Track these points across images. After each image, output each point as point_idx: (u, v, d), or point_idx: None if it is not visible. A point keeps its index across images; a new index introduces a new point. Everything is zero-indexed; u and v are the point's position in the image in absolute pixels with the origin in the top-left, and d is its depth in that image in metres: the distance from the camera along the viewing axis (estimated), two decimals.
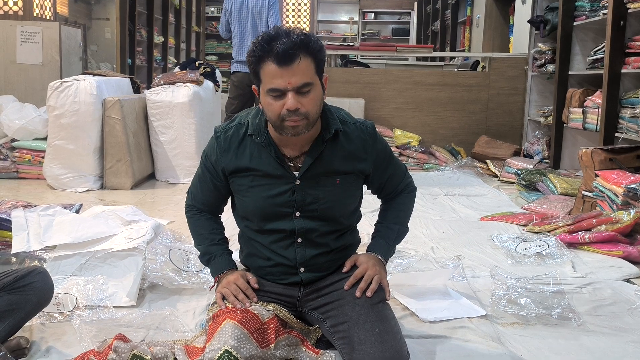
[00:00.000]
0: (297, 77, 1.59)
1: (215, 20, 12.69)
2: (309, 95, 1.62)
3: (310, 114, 1.63)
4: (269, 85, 1.61)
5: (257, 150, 1.75)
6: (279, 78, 1.59)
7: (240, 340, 1.60)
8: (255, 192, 1.76)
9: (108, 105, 4.36)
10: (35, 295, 1.79)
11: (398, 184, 1.94)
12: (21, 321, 1.80)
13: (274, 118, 1.64)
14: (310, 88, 1.62)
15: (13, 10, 6.09)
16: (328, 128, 1.74)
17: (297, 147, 1.74)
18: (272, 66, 1.59)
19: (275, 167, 1.74)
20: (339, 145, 1.76)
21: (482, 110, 6.27)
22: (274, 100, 1.62)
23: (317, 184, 1.75)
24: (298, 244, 1.79)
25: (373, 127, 1.84)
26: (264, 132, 1.74)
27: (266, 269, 1.84)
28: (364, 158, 1.80)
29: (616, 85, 4.05)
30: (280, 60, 1.57)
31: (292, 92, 1.59)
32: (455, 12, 9.68)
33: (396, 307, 2.17)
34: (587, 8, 4.70)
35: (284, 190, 1.74)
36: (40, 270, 1.85)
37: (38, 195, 4.10)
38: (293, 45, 1.57)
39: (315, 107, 1.65)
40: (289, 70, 1.58)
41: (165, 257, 2.52)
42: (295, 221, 1.77)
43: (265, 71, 1.61)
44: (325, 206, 1.76)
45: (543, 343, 2.00)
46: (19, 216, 2.45)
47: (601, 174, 3.42)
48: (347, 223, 1.86)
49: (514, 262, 2.84)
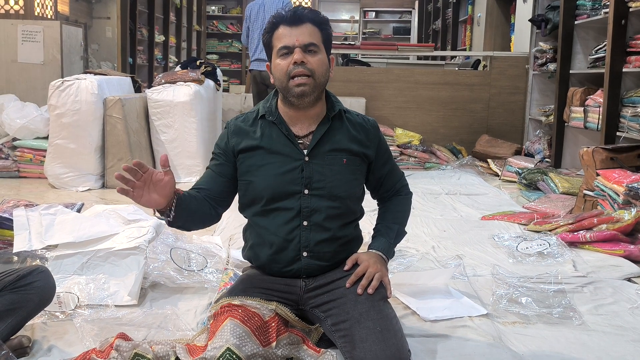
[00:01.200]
0: (304, 36, 1.75)
1: (215, 19, 12.68)
2: (315, 55, 1.76)
3: (315, 73, 1.75)
4: (278, 45, 1.77)
5: (268, 129, 1.84)
6: (287, 37, 1.75)
7: (241, 338, 1.60)
8: (265, 170, 1.81)
9: (109, 104, 4.37)
10: (37, 294, 1.80)
11: (395, 183, 2.01)
12: (23, 320, 1.80)
13: (282, 77, 1.76)
14: (316, 49, 1.77)
15: (14, 9, 6.09)
16: (333, 108, 1.86)
17: (305, 125, 1.84)
18: (282, 29, 1.77)
19: (285, 144, 1.82)
20: (344, 126, 1.87)
21: (483, 109, 6.27)
22: (282, 60, 1.76)
23: (325, 162, 1.82)
24: (303, 227, 1.81)
25: (375, 121, 1.97)
26: (275, 112, 1.84)
27: (271, 257, 1.85)
28: (368, 145, 1.89)
29: (617, 84, 4.05)
30: (289, 21, 1.76)
31: (299, 48, 1.74)
32: (456, 11, 9.67)
33: (397, 306, 2.17)
34: (588, 7, 4.70)
35: (293, 167, 1.80)
36: (42, 270, 1.85)
37: (39, 195, 4.11)
38: (303, 11, 1.78)
39: (320, 68, 1.77)
40: (296, 30, 1.75)
41: (166, 256, 2.52)
42: (303, 199, 1.80)
43: (276, 36, 1.78)
44: (333, 184, 1.81)
45: (544, 342, 2.00)
46: (20, 215, 2.45)
47: (602, 173, 3.42)
48: (352, 208, 1.88)
49: (515, 261, 2.84)
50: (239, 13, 12.61)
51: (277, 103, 1.86)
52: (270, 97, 1.89)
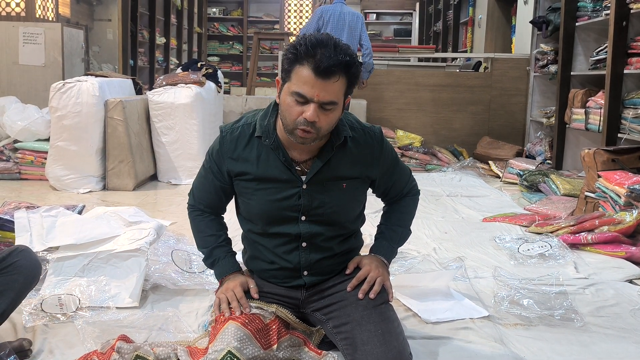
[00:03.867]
0: (327, 94, 1.58)
1: (216, 21, 12.69)
2: (330, 113, 1.62)
3: (322, 131, 1.63)
4: (297, 88, 1.59)
5: (265, 152, 1.73)
6: (310, 87, 1.57)
7: (243, 341, 1.60)
8: (260, 195, 1.75)
9: (110, 106, 4.37)
10: (20, 274, 1.76)
11: (402, 188, 1.95)
12: (13, 302, 1.76)
13: (289, 121, 1.63)
14: (333, 107, 1.61)
15: (15, 11, 6.10)
16: (338, 135, 1.73)
17: (305, 151, 1.73)
18: (308, 72, 1.56)
19: (282, 171, 1.73)
20: (347, 151, 1.76)
21: (485, 111, 6.27)
22: (295, 104, 1.60)
23: (324, 189, 1.74)
24: (302, 248, 1.78)
25: (381, 132, 1.84)
26: (272, 134, 1.72)
27: (269, 272, 1.84)
28: (371, 164, 1.80)
29: (618, 86, 4.04)
30: (318, 72, 1.55)
31: (316, 104, 1.58)
32: (457, 13, 9.67)
33: (399, 308, 2.17)
34: (590, 8, 4.70)
35: (290, 195, 1.73)
36: (22, 249, 1.81)
37: (40, 197, 4.11)
38: (338, 63, 1.56)
39: (329, 126, 1.65)
40: (322, 84, 1.56)
41: (167, 258, 2.52)
42: (301, 225, 1.76)
43: (299, 73, 1.58)
44: (331, 210, 1.76)
45: (546, 344, 2.00)
46: (21, 217, 2.45)
47: (604, 175, 3.42)
48: (352, 227, 1.86)
49: (516, 263, 2.84)
50: (240, 15, 12.62)
51: (275, 122, 1.73)
52: (269, 112, 1.75)
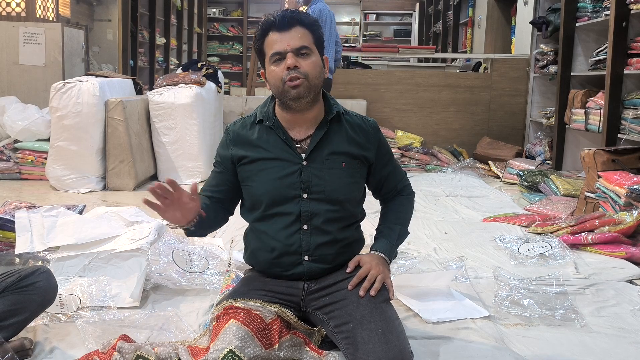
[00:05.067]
0: (295, 40, 1.74)
1: (216, 21, 12.71)
2: (307, 58, 1.75)
3: (309, 75, 1.74)
4: (270, 52, 1.75)
5: (266, 134, 1.84)
6: (279, 43, 1.74)
7: (244, 340, 1.60)
8: (263, 175, 1.82)
9: (110, 106, 4.37)
10: (39, 294, 1.80)
11: (397, 183, 2.00)
12: (25, 321, 1.80)
13: (277, 83, 1.75)
14: (308, 52, 1.75)
15: (16, 11, 6.10)
16: (331, 111, 1.85)
17: (302, 129, 1.83)
18: (272, 35, 1.76)
19: (283, 149, 1.82)
20: (343, 129, 1.86)
21: (484, 112, 6.28)
22: (276, 66, 1.75)
23: (324, 166, 1.82)
24: (304, 231, 1.82)
25: (375, 121, 1.95)
26: (272, 116, 1.84)
27: (271, 261, 1.85)
28: (368, 147, 1.88)
29: (618, 87, 4.05)
30: (279, 27, 1.75)
31: (291, 52, 1.73)
32: (457, 13, 9.68)
33: (399, 308, 2.17)
34: (590, 9, 4.70)
35: (291, 172, 1.80)
36: (43, 270, 1.85)
37: (41, 197, 4.11)
38: (290, 16, 1.76)
39: (314, 70, 1.76)
40: (287, 34, 1.74)
41: (168, 258, 2.52)
42: (302, 203, 1.80)
43: (267, 42, 1.77)
44: (332, 188, 1.81)
45: (546, 344, 2.00)
46: (22, 217, 2.46)
47: (604, 175, 3.42)
48: (352, 211, 1.88)
49: (516, 263, 2.84)
50: (240, 15, 12.64)
51: (275, 107, 1.85)
52: (268, 101, 1.89)
